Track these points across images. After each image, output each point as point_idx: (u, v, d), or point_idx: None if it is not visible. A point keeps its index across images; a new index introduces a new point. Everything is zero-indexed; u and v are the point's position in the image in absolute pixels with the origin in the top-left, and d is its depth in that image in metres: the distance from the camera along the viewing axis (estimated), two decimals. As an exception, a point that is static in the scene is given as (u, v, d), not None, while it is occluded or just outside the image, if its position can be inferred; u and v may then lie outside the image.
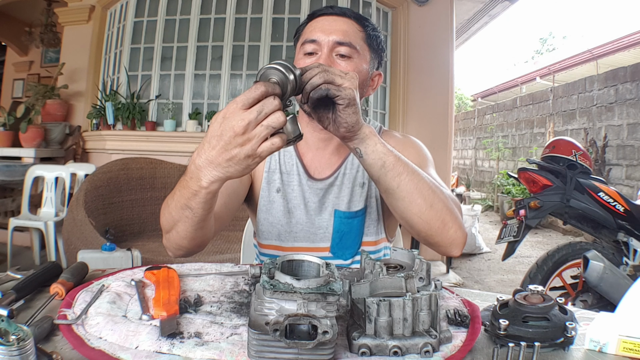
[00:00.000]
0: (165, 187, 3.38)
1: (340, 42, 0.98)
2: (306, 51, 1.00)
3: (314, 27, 1.02)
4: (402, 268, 0.66)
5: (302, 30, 1.06)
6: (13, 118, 4.06)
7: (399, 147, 1.07)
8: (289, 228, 1.09)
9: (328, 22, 1.01)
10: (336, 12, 1.03)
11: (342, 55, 0.99)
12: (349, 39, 0.99)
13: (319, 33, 0.99)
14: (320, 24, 1.01)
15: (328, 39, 0.98)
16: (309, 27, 1.04)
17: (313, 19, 1.04)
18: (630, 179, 5.29)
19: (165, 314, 0.63)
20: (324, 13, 1.04)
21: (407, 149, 1.08)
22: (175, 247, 0.89)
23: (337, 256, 1.07)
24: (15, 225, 3.40)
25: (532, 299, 0.64)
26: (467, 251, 4.90)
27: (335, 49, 0.99)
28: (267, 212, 1.10)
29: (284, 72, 0.67)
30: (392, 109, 4.19)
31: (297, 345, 0.50)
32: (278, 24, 4.03)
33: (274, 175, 1.10)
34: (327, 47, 0.98)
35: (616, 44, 7.14)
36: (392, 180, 0.82)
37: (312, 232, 1.08)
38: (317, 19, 1.03)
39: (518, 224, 2.45)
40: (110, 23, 4.42)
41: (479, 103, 12.05)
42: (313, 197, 1.08)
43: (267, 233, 1.11)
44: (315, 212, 1.08)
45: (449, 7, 4.22)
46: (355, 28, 1.02)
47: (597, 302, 2.23)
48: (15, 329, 0.45)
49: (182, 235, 0.83)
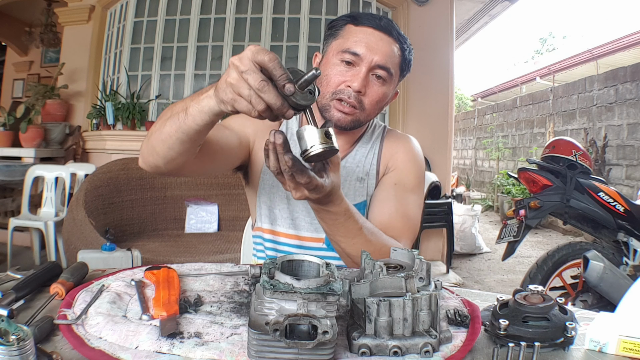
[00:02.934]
0: (165, 187, 3.38)
1: (381, 66, 1.00)
2: (345, 59, 1.00)
3: (360, 39, 1.00)
4: (402, 268, 0.66)
5: (341, 31, 1.04)
6: (13, 118, 4.06)
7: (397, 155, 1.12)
8: (287, 214, 1.10)
9: (375, 38, 1.00)
10: (384, 29, 1.01)
11: (378, 76, 1.01)
12: (389, 63, 1.01)
13: (363, 48, 0.99)
14: (366, 38, 1.00)
15: (372, 58, 0.99)
16: (353, 34, 1.01)
17: (357, 25, 1.02)
18: (630, 179, 5.29)
19: (165, 314, 0.63)
20: (372, 25, 1.01)
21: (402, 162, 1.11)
22: (149, 150, 0.86)
23: (330, 248, 1.07)
24: (15, 225, 3.40)
25: (532, 299, 0.64)
26: (467, 251, 4.90)
27: (375, 70, 1.00)
28: (268, 194, 1.11)
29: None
30: (392, 109, 4.19)
31: (297, 345, 0.50)
32: (278, 24, 4.03)
33: None
34: (367, 67, 0.99)
35: (616, 44, 7.14)
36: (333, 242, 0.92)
37: (308, 221, 1.09)
38: (363, 29, 1.01)
39: (518, 224, 2.45)
40: (110, 23, 4.42)
41: (479, 103, 12.05)
42: None
43: (266, 216, 1.11)
44: None
45: (449, 7, 4.22)
46: (396, 50, 1.03)
47: (597, 302, 2.23)
48: (15, 329, 0.45)
49: (163, 136, 0.80)
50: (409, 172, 1.10)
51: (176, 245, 2.92)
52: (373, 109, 1.03)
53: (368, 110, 1.02)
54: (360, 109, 1.01)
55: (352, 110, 1.00)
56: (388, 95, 1.05)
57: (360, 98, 1.00)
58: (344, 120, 1.01)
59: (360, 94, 1.00)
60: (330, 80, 1.01)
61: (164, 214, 3.34)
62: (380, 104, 1.04)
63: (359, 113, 1.01)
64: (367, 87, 1.00)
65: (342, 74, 1.00)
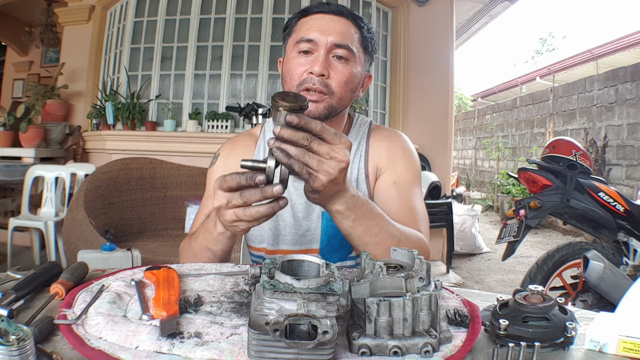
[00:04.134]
0: (165, 187, 3.38)
1: (338, 45, 0.97)
2: (301, 49, 0.98)
3: (310, 26, 0.99)
4: (402, 268, 0.66)
5: (295, 26, 1.03)
6: (13, 118, 4.06)
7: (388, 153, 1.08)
8: (277, 231, 1.06)
9: (325, 21, 0.99)
10: (333, 11, 1.00)
11: (339, 57, 0.98)
12: (346, 41, 0.98)
13: (316, 33, 0.97)
14: (317, 23, 0.99)
15: (326, 39, 0.97)
16: (304, 24, 1.01)
17: (307, 16, 1.01)
18: (630, 179, 5.29)
19: (165, 314, 0.62)
20: (321, 10, 1.01)
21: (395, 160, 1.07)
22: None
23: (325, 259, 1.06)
24: (15, 225, 3.40)
25: (532, 299, 0.64)
26: (467, 251, 4.90)
27: (333, 50, 0.97)
28: None
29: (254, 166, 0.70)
30: (392, 109, 4.19)
31: (297, 345, 0.50)
32: (278, 24, 4.03)
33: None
34: (325, 48, 0.97)
35: (616, 44, 7.14)
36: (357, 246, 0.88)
37: (299, 234, 1.06)
38: (313, 17, 1.01)
39: (518, 224, 2.45)
40: (110, 23, 4.42)
41: (479, 103, 12.05)
42: (299, 199, 1.05)
43: (255, 237, 1.09)
44: (302, 214, 1.05)
45: (449, 7, 4.22)
46: (352, 29, 1.00)
47: (597, 302, 2.23)
48: (15, 329, 0.45)
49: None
50: (405, 169, 1.07)
51: (176, 245, 2.90)
52: (343, 91, 0.98)
53: (338, 93, 0.98)
54: (329, 94, 0.97)
55: (321, 96, 0.96)
56: (355, 75, 1.00)
57: (326, 82, 0.96)
58: (316, 110, 0.96)
59: (325, 77, 0.96)
60: (292, 73, 0.98)
61: (164, 214, 3.34)
62: (349, 84, 0.99)
63: (329, 98, 0.97)
64: (330, 69, 0.97)
65: (302, 64, 0.98)
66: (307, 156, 0.69)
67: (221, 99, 4.03)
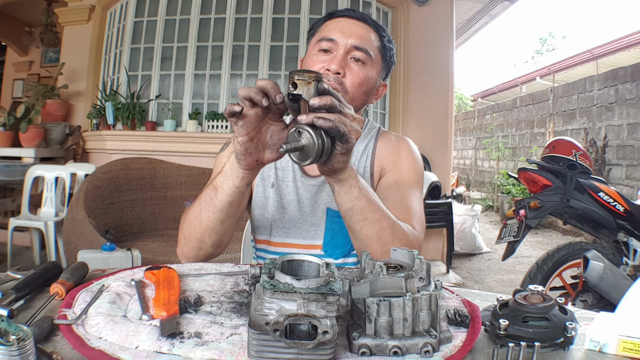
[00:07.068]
0: (165, 187, 3.38)
1: (357, 47, 1.01)
2: (322, 48, 1.02)
3: (333, 27, 1.03)
4: (402, 268, 0.66)
5: (319, 27, 1.08)
6: (13, 118, 4.06)
7: (393, 155, 1.12)
8: (282, 224, 1.09)
9: (348, 24, 1.03)
10: (357, 17, 1.05)
11: (356, 59, 1.01)
12: (366, 45, 1.02)
13: (337, 33, 1.02)
14: (340, 25, 1.03)
15: (346, 41, 1.01)
16: (328, 25, 1.05)
17: (332, 18, 1.06)
18: (630, 179, 5.29)
19: (165, 314, 0.62)
20: (345, 15, 1.05)
21: (400, 162, 1.11)
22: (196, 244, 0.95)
23: (328, 254, 1.07)
24: (15, 225, 3.40)
25: (532, 299, 0.64)
26: (467, 251, 4.90)
27: (351, 52, 1.01)
28: (261, 207, 1.11)
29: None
30: (392, 109, 4.19)
31: (297, 345, 0.50)
32: (278, 24, 4.03)
33: (270, 170, 1.11)
34: (344, 49, 1.01)
35: (616, 44, 7.14)
36: (356, 223, 0.87)
37: (304, 229, 1.08)
38: (337, 19, 1.05)
39: (518, 224, 2.45)
40: (110, 23, 4.42)
41: (479, 103, 12.05)
42: (306, 194, 1.08)
43: (262, 228, 1.11)
44: (308, 209, 1.09)
45: (449, 7, 4.22)
46: (372, 35, 1.04)
47: (597, 302, 2.23)
48: (15, 329, 0.45)
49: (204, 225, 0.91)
50: (407, 170, 1.10)
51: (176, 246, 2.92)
52: (356, 92, 1.02)
53: (351, 93, 1.01)
54: (342, 92, 0.99)
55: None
56: (371, 79, 1.04)
57: (341, 80, 1.00)
58: None
59: (340, 76, 0.99)
60: (310, 68, 1.02)
61: (164, 214, 3.34)
62: (363, 86, 1.02)
63: (343, 95, 0.99)
64: (347, 68, 1.00)
65: (321, 61, 1.01)
66: (343, 118, 0.73)
67: (221, 99, 4.03)
